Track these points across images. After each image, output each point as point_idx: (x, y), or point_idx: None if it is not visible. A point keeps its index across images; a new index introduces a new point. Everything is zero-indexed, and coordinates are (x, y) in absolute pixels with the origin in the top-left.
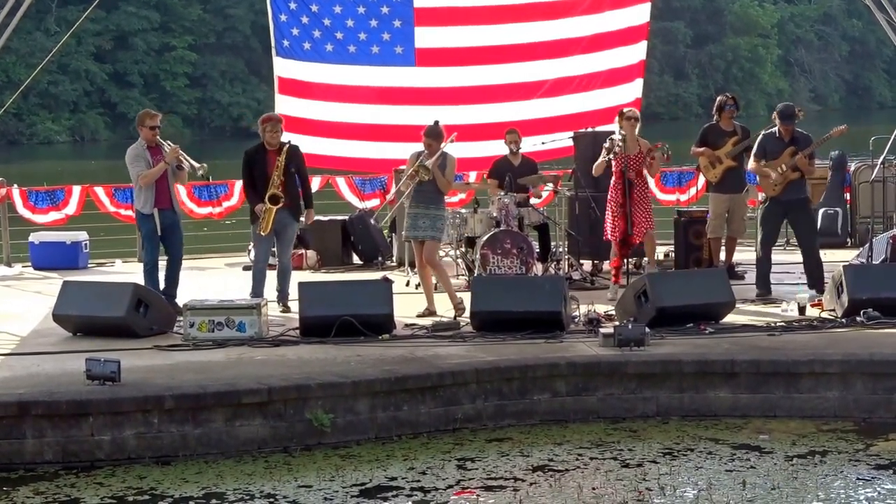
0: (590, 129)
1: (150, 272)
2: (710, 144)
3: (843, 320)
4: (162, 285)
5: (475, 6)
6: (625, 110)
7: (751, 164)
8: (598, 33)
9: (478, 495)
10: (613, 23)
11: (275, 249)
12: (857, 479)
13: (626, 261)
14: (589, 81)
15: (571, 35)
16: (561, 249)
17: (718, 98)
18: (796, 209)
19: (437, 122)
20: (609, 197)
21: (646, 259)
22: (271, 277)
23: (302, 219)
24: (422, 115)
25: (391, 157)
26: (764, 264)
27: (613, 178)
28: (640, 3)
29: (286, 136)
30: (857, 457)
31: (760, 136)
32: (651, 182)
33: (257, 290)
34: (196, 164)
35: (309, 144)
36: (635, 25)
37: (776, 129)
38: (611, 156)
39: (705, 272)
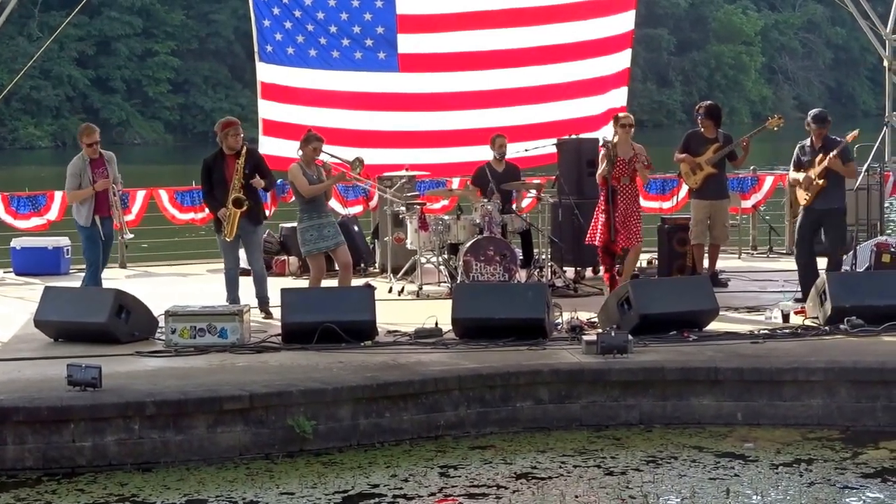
0: (573, 136)
1: (95, 273)
2: (692, 151)
3: (827, 328)
4: None
5: (458, 12)
6: (620, 115)
7: (790, 176)
8: (582, 41)
9: (460, 503)
10: (598, 30)
11: (244, 257)
12: (844, 487)
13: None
14: (573, 89)
15: (556, 42)
16: (544, 256)
17: None
18: (830, 218)
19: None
20: (602, 203)
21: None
22: (246, 283)
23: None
24: (405, 121)
25: (374, 163)
26: (808, 278)
27: (611, 182)
28: (625, 10)
29: (275, 142)
30: (843, 465)
31: (797, 149)
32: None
33: (232, 295)
34: (127, 232)
35: (292, 149)
36: (620, 34)
37: (810, 138)
38: (606, 164)
39: (689, 279)
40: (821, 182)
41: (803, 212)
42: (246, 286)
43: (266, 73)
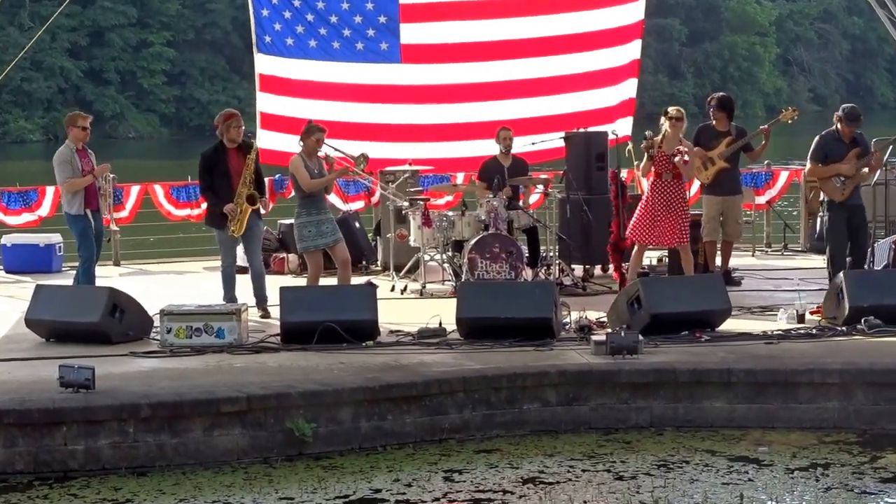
0: (581, 130)
1: (89, 269)
2: (704, 145)
3: (844, 328)
4: None
5: (463, 1)
6: (670, 109)
7: (808, 168)
8: (591, 31)
9: None
10: (607, 20)
11: (243, 254)
12: (862, 492)
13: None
14: (581, 81)
15: (563, 32)
16: (551, 254)
17: None
18: (860, 214)
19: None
20: (645, 199)
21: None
22: (243, 281)
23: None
24: (408, 114)
25: (377, 157)
26: None
27: (652, 178)
28: (634, 0)
29: (273, 136)
30: (861, 469)
31: (818, 139)
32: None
33: (229, 294)
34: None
35: (290, 143)
36: (629, 24)
37: (833, 130)
38: (649, 154)
39: (701, 278)
40: (860, 178)
41: (838, 207)
42: (243, 284)
43: (265, 64)
